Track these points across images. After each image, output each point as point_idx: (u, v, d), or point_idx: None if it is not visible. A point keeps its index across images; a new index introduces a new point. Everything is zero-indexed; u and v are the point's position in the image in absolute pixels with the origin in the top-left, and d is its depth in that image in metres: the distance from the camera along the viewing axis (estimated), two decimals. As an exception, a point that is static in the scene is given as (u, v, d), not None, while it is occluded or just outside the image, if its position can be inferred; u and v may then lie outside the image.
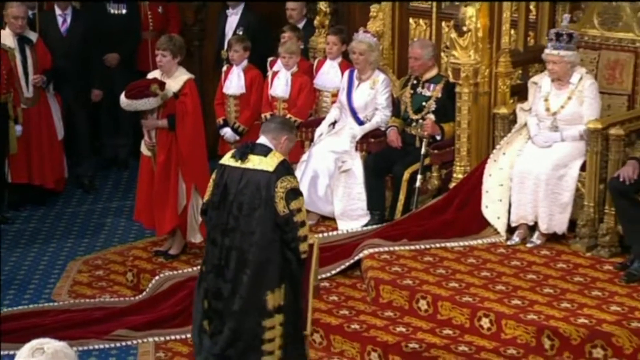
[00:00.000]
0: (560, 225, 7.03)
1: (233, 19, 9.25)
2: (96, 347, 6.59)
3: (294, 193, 5.37)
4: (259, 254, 5.35)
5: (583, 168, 6.99)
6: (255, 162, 5.42)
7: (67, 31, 9.11)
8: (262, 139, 5.55)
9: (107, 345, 6.60)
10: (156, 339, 6.62)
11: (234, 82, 8.29)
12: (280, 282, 5.40)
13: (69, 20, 9.11)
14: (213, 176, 5.57)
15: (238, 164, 5.45)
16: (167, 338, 6.62)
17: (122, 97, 7.25)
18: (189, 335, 6.57)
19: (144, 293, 7.09)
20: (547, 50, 7.10)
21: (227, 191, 5.43)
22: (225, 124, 8.32)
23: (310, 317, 5.64)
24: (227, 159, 5.52)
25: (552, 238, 7.09)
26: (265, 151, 5.45)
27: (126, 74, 8.92)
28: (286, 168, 5.46)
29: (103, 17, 9.40)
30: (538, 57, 7.36)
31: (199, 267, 6.72)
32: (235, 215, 5.40)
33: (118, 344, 6.62)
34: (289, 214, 5.33)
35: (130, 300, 7.11)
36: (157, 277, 7.15)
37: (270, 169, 5.38)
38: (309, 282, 5.59)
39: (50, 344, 3.23)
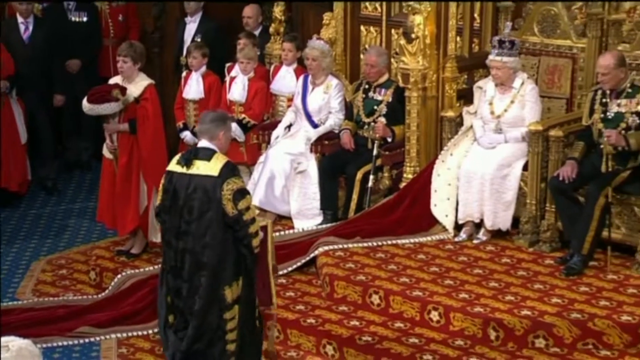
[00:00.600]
0: (504, 222, 7.09)
1: (192, 26, 9.20)
2: (60, 344, 6.52)
3: (241, 193, 5.34)
4: (213, 255, 5.34)
5: (525, 168, 7.05)
6: (200, 167, 5.36)
7: (29, 38, 9.00)
8: (202, 142, 5.48)
9: (70, 342, 6.54)
10: (119, 335, 6.56)
11: (193, 87, 8.26)
12: (237, 276, 5.40)
13: (31, 27, 9.00)
14: (162, 181, 5.52)
15: (184, 170, 5.39)
16: (130, 334, 6.57)
17: (85, 101, 7.20)
18: (151, 332, 6.56)
19: (107, 291, 7.04)
20: (490, 57, 7.16)
21: (177, 196, 5.40)
22: (185, 127, 8.29)
23: (274, 292, 5.73)
24: (173, 166, 5.47)
25: (496, 234, 7.15)
26: (208, 155, 5.39)
27: (88, 80, 8.85)
28: (230, 170, 5.40)
29: (64, 24, 9.32)
30: (482, 63, 7.41)
31: (160, 265, 6.73)
32: (187, 219, 5.37)
33: (81, 341, 6.55)
34: (238, 214, 5.31)
35: (93, 298, 7.04)
36: (119, 276, 7.09)
37: (215, 173, 5.32)
38: (268, 262, 5.62)
39: (14, 342, 3.21)
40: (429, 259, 6.88)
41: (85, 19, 9.37)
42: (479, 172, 7.06)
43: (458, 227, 7.21)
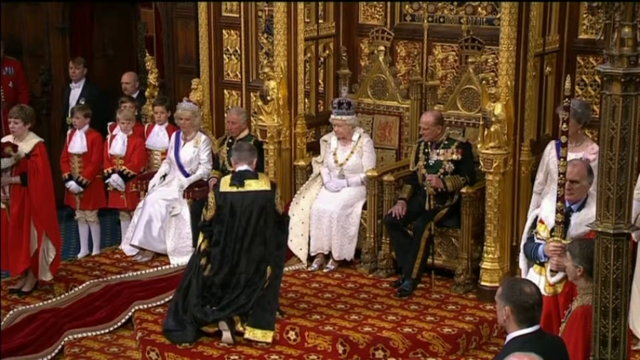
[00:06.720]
0: (349, 253, 7.19)
1: (76, 91, 9.05)
2: (-43, 376, 6.18)
3: (281, 197, 6.40)
4: (264, 247, 6.12)
5: (364, 207, 7.18)
6: (252, 185, 6.18)
7: None
8: (243, 166, 6.25)
9: (-33, 374, 6.20)
10: (12, 365, 6.29)
11: (77, 143, 8.09)
12: (270, 258, 6.20)
13: None
14: (213, 200, 6.17)
15: (239, 189, 6.10)
16: (21, 364, 6.30)
17: (-21, 158, 6.94)
18: (41, 361, 6.33)
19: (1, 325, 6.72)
20: (332, 116, 7.30)
21: (233, 210, 6.11)
22: (70, 177, 8.08)
23: None
24: (227, 187, 6.18)
25: (343, 264, 7.23)
26: (254, 175, 6.25)
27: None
28: (273, 184, 6.34)
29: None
30: (326, 120, 7.55)
31: (50, 300, 6.56)
32: (244, 226, 6.09)
33: (-23, 372, 6.23)
34: (285, 210, 6.51)
35: (-13, 333, 6.71)
36: (11, 312, 6.79)
37: (268, 187, 6.23)
38: None
39: None
40: (286, 287, 6.88)
41: (-22, 85, 9.09)
42: (327, 212, 7.16)
43: (310, 259, 7.27)
